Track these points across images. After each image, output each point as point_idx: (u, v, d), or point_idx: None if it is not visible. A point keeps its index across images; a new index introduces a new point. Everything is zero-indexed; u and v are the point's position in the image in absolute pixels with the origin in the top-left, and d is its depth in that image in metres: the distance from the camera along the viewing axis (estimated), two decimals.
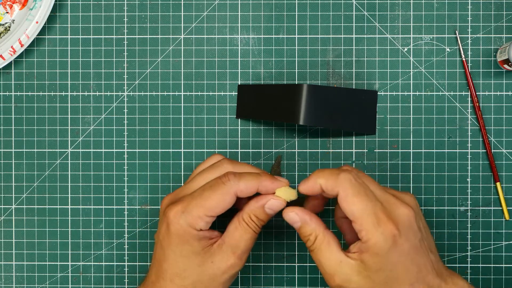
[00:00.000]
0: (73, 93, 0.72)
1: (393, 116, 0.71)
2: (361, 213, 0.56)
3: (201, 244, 0.60)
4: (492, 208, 0.71)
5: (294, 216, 0.59)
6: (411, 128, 0.71)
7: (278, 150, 0.71)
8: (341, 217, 0.62)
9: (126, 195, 0.72)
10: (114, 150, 0.72)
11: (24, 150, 0.72)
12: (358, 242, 0.57)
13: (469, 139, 0.71)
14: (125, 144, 0.72)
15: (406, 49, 0.71)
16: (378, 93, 0.71)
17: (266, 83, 0.71)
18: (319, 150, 0.71)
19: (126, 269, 0.72)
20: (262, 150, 0.71)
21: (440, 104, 0.71)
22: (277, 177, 0.61)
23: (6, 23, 0.71)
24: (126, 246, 0.72)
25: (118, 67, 0.72)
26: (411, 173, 0.71)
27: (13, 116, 0.72)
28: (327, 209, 0.71)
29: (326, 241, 0.58)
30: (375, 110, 0.71)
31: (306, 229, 0.59)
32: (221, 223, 0.66)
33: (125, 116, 0.72)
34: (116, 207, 0.72)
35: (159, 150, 0.72)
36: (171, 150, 0.71)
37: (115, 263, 0.72)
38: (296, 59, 0.71)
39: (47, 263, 0.72)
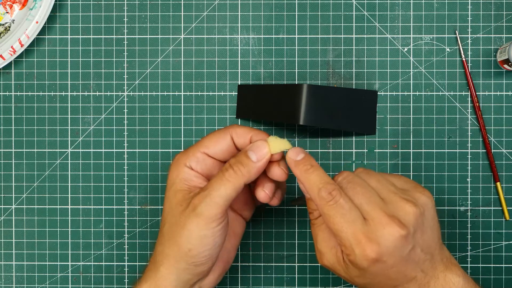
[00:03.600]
0: (73, 93, 0.72)
1: (393, 116, 0.71)
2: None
3: (182, 184, 0.59)
4: (492, 208, 0.71)
5: (303, 187, 0.58)
6: (411, 128, 0.71)
7: None
8: None
9: (126, 195, 0.72)
10: (114, 150, 0.72)
11: (24, 150, 0.72)
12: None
13: (469, 139, 0.71)
14: (125, 144, 0.72)
15: (406, 49, 0.71)
16: (378, 93, 0.71)
17: (266, 83, 0.71)
18: (319, 150, 0.71)
19: (126, 269, 0.72)
20: None
21: (440, 104, 0.71)
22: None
23: (6, 23, 0.71)
24: (126, 246, 0.72)
25: (118, 67, 0.72)
26: (411, 173, 0.71)
27: (13, 116, 0.72)
28: None
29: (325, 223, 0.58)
30: (375, 110, 0.71)
31: (311, 204, 0.59)
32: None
33: (125, 116, 0.72)
34: (116, 207, 0.72)
35: (159, 150, 0.72)
36: (171, 150, 0.71)
37: (115, 263, 0.72)
38: (296, 59, 0.71)
39: (47, 263, 0.72)
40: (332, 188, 0.56)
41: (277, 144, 0.58)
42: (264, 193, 0.61)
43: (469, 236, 0.71)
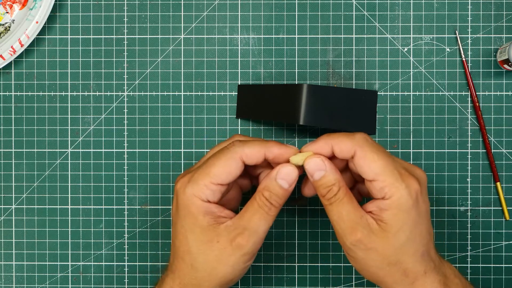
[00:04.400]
0: (73, 93, 0.72)
1: (393, 116, 0.71)
2: (383, 169, 0.55)
3: (207, 219, 0.57)
4: (492, 208, 0.71)
5: (320, 162, 0.56)
6: (411, 128, 0.71)
7: None
8: None
9: (126, 195, 0.72)
10: (114, 150, 0.72)
11: (24, 150, 0.72)
12: (375, 201, 0.56)
13: (469, 139, 0.71)
14: (125, 144, 0.72)
15: (406, 49, 0.71)
16: (378, 93, 0.71)
17: (266, 83, 0.71)
18: None
19: (126, 269, 0.72)
20: None
21: (440, 104, 0.71)
22: (287, 145, 0.58)
23: (6, 23, 0.71)
24: (126, 246, 0.72)
25: (118, 67, 0.72)
26: None
27: (13, 116, 0.72)
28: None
29: (349, 193, 0.56)
30: (375, 110, 0.71)
31: (331, 178, 0.56)
32: None
33: (125, 116, 0.72)
34: (116, 207, 0.72)
35: (159, 150, 0.72)
36: (171, 150, 0.71)
37: (115, 263, 0.72)
38: (296, 59, 0.71)
39: (47, 263, 0.72)
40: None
41: (300, 160, 0.57)
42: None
43: (469, 236, 0.71)
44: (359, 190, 0.62)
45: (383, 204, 0.55)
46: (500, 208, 0.71)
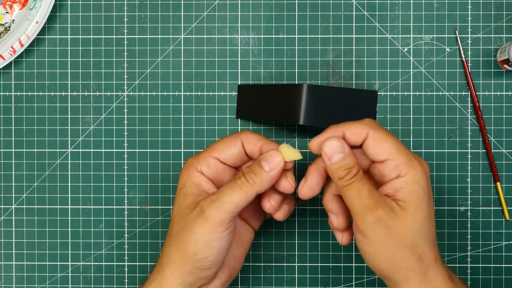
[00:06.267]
0: (73, 93, 0.72)
1: (393, 116, 0.71)
2: (396, 148, 0.55)
3: (192, 188, 0.59)
4: (492, 208, 0.71)
5: (339, 144, 0.57)
6: (411, 128, 0.71)
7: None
8: (335, 194, 0.60)
9: (126, 195, 0.72)
10: (114, 150, 0.72)
11: (24, 150, 0.72)
12: (389, 182, 0.56)
13: (469, 139, 0.71)
14: (125, 144, 0.72)
15: (406, 49, 0.71)
16: (378, 93, 0.71)
17: (266, 83, 0.71)
18: None
19: (126, 269, 0.72)
20: None
21: (440, 104, 0.71)
22: None
23: (6, 23, 0.71)
24: (126, 246, 0.72)
25: (118, 67, 0.72)
26: None
27: (13, 116, 0.72)
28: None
29: (366, 176, 0.57)
30: (375, 110, 0.71)
31: (350, 161, 0.56)
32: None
33: (125, 116, 0.72)
34: (116, 207, 0.72)
35: (159, 150, 0.72)
36: (171, 150, 0.72)
37: (115, 263, 0.72)
38: (296, 59, 0.71)
39: (47, 263, 0.72)
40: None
41: (289, 153, 0.58)
42: (269, 204, 0.60)
43: (469, 236, 0.71)
44: None
45: (399, 182, 0.55)
46: (500, 208, 0.71)
